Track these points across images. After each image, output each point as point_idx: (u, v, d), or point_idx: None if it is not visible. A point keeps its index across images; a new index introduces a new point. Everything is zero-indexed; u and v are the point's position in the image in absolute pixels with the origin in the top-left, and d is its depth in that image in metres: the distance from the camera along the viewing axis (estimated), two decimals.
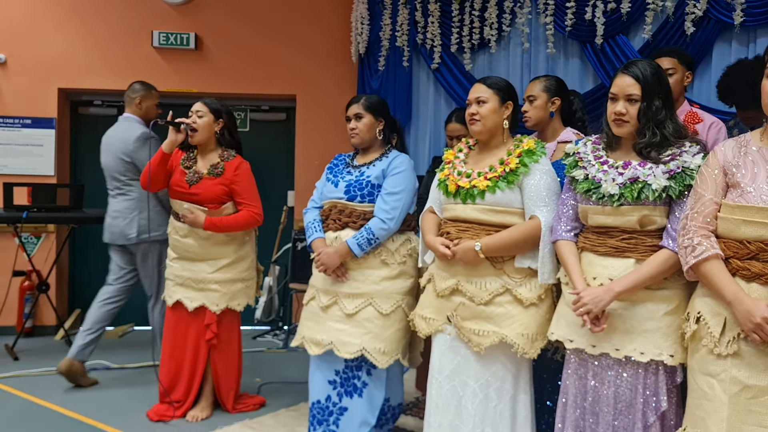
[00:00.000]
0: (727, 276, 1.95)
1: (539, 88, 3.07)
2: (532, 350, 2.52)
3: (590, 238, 2.34)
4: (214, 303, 3.59)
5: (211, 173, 3.54)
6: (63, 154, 5.87)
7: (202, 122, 3.55)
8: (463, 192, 2.61)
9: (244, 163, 3.61)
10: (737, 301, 1.90)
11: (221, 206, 3.54)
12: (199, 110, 3.57)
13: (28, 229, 5.60)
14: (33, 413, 3.76)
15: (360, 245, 2.93)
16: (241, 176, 3.56)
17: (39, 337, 5.53)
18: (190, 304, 3.60)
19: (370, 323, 2.95)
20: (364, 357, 2.96)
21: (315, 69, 5.78)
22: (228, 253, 3.60)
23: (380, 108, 3.12)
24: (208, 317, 3.60)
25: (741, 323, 1.89)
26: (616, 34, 4.34)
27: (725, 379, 1.93)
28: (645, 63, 2.31)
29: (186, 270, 3.61)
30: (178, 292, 3.63)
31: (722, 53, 4.01)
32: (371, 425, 3.03)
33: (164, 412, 3.67)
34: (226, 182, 3.53)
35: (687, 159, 2.21)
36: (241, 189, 3.55)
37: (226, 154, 3.60)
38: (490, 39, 4.87)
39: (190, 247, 3.58)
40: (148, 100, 4.39)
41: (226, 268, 3.60)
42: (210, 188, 3.51)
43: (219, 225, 3.49)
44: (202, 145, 3.60)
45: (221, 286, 3.59)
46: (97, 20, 5.71)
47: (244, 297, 3.69)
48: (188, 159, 3.62)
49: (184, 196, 3.55)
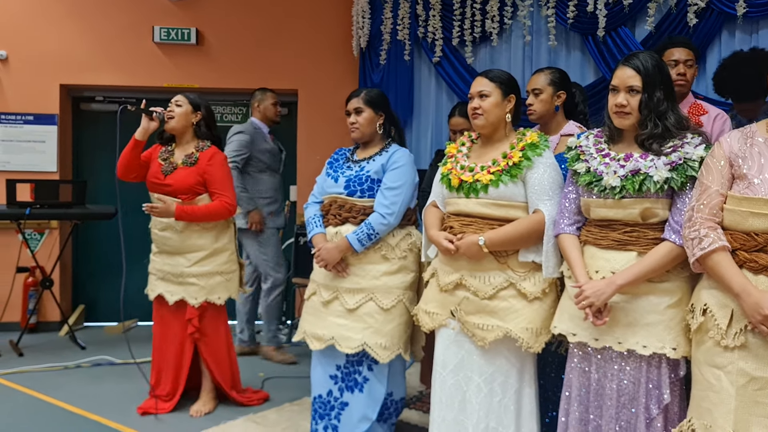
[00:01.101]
0: (735, 268, 1.95)
1: (545, 81, 3.05)
2: (536, 344, 2.51)
3: (592, 232, 2.33)
4: (193, 297, 3.59)
5: (185, 162, 3.56)
6: (65, 150, 5.88)
7: (178, 111, 3.60)
8: (466, 186, 2.60)
9: (219, 154, 3.62)
10: (745, 293, 1.89)
11: (195, 197, 3.54)
12: (178, 100, 3.63)
13: (31, 226, 5.61)
14: (37, 409, 3.77)
15: (360, 240, 2.93)
16: (215, 166, 3.57)
17: (43, 333, 5.55)
18: (170, 297, 3.61)
19: (371, 318, 2.95)
20: (365, 352, 2.96)
21: (316, 63, 5.77)
22: (204, 245, 3.59)
23: (380, 102, 3.11)
24: (189, 311, 3.60)
25: (749, 315, 1.89)
26: (619, 26, 4.31)
27: (732, 371, 1.93)
28: (646, 54, 2.30)
29: (166, 264, 3.63)
30: (160, 286, 3.65)
31: (725, 45, 3.99)
32: (372, 420, 3.03)
33: (151, 405, 3.67)
34: (199, 171, 3.54)
35: (689, 150, 2.20)
36: (214, 179, 3.55)
37: (202, 144, 3.62)
38: (491, 32, 4.86)
39: (168, 240, 3.60)
40: (264, 102, 4.86)
41: (204, 261, 3.59)
42: (183, 178, 3.52)
43: (190, 213, 3.49)
44: (180, 136, 3.64)
45: (199, 280, 3.58)
46: (98, 16, 5.71)
47: (224, 290, 3.66)
48: (166, 151, 3.66)
49: (158, 188, 3.58)
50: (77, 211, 5.07)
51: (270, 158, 4.81)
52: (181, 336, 3.66)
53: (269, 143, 4.84)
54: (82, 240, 5.99)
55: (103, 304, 6.02)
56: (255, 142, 4.72)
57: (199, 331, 3.60)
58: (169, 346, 3.70)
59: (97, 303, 6.02)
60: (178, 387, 3.71)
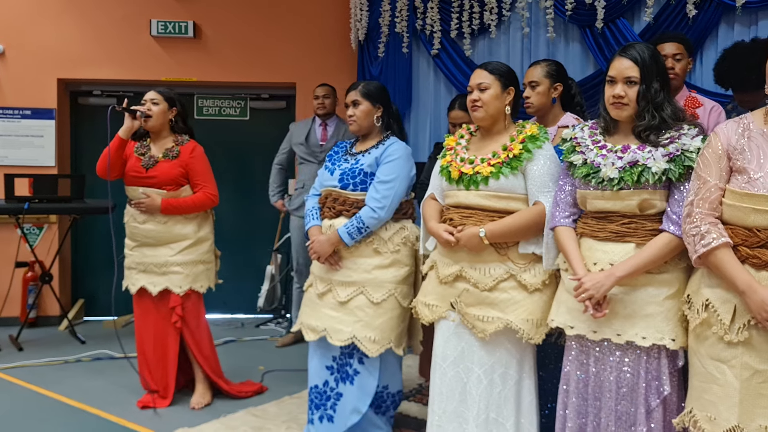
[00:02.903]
0: (738, 265, 1.94)
1: (541, 73, 3.05)
2: (536, 335, 2.52)
3: (589, 224, 2.33)
4: (178, 285, 3.63)
5: (166, 156, 3.62)
6: (63, 145, 5.87)
7: (156, 109, 3.65)
8: (466, 178, 2.60)
9: (198, 147, 3.71)
10: (751, 290, 1.89)
11: (179, 188, 3.62)
12: (154, 98, 3.67)
13: (30, 220, 5.60)
14: (37, 403, 3.78)
15: (350, 234, 2.93)
16: (197, 159, 3.66)
17: (43, 328, 5.55)
18: (153, 288, 3.64)
19: (361, 311, 2.95)
20: (356, 345, 2.97)
21: (314, 56, 5.76)
22: (188, 234, 3.66)
23: (378, 94, 3.10)
24: (172, 300, 3.63)
25: (754, 312, 1.89)
26: (617, 17, 4.30)
27: (736, 365, 1.93)
28: (642, 46, 2.30)
29: (147, 256, 3.65)
30: (141, 279, 3.67)
31: (724, 36, 3.98)
32: (362, 413, 3.03)
33: (149, 400, 3.70)
34: (182, 164, 3.62)
35: (686, 141, 2.19)
36: (196, 171, 3.65)
37: (180, 138, 3.70)
38: (490, 24, 4.84)
39: (149, 232, 3.63)
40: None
41: (188, 250, 3.66)
42: (167, 171, 3.59)
43: (176, 206, 3.57)
44: (156, 132, 3.70)
45: (183, 268, 3.64)
46: (96, 10, 5.69)
47: (205, 279, 3.74)
48: (142, 146, 3.69)
49: (140, 181, 3.62)
50: (76, 206, 5.06)
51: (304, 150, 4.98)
52: (165, 328, 3.69)
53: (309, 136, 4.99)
54: (81, 234, 5.98)
55: (102, 299, 6.00)
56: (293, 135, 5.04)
57: (182, 320, 3.64)
58: (153, 339, 3.72)
59: (97, 297, 6.02)
60: (169, 381, 3.73)
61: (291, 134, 5.08)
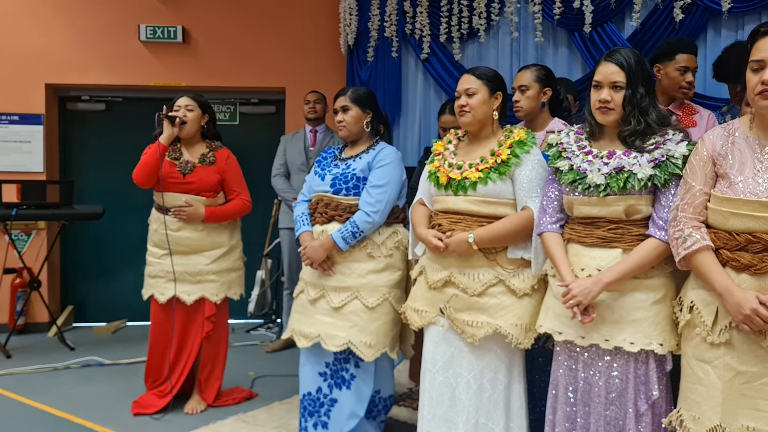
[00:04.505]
0: (718, 267, 1.96)
1: (531, 77, 3.05)
2: (526, 340, 2.52)
3: (576, 229, 2.33)
4: (214, 294, 3.65)
5: (203, 162, 3.62)
6: (52, 150, 5.83)
7: (192, 116, 3.64)
8: (454, 184, 2.60)
9: (232, 154, 3.74)
10: (728, 293, 1.91)
11: (216, 195, 3.65)
12: (188, 104, 3.65)
13: (18, 227, 5.56)
14: (24, 414, 3.73)
15: (345, 239, 2.93)
16: (232, 165, 3.70)
17: (31, 335, 5.52)
18: (188, 298, 3.61)
19: (356, 316, 2.95)
20: (351, 350, 2.96)
21: (304, 61, 5.75)
22: (223, 242, 3.68)
23: (367, 100, 3.10)
24: (207, 309, 3.64)
25: (732, 315, 1.91)
26: (605, 22, 4.32)
27: (719, 366, 1.96)
28: (628, 50, 2.31)
29: (179, 265, 3.60)
30: (170, 288, 3.61)
31: (711, 40, 4.00)
32: (360, 417, 3.03)
33: (151, 402, 3.69)
34: (219, 170, 3.65)
35: (671, 147, 2.20)
36: (233, 178, 3.69)
37: (214, 144, 3.71)
38: (479, 28, 4.85)
39: (184, 240, 3.60)
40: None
41: (223, 258, 3.68)
42: (206, 177, 3.60)
43: (218, 214, 3.61)
44: (189, 137, 3.67)
45: (219, 276, 3.66)
46: (84, 15, 5.67)
47: (238, 286, 3.79)
48: (174, 151, 3.65)
49: (179, 187, 3.58)
50: (64, 212, 5.03)
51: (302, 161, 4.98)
52: (194, 335, 3.68)
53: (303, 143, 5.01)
54: (70, 240, 5.95)
55: (92, 305, 5.98)
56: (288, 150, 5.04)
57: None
58: (173, 346, 3.66)
59: (86, 303, 5.99)
60: (177, 384, 3.70)
61: (284, 148, 5.04)
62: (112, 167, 5.74)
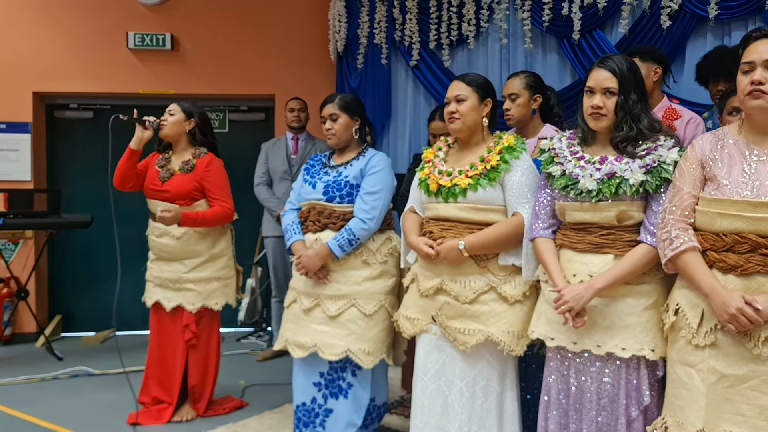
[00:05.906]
0: (704, 268, 1.98)
1: (521, 85, 3.06)
2: (518, 347, 2.52)
3: (568, 235, 2.34)
4: (190, 302, 3.60)
5: (182, 169, 3.59)
6: (39, 159, 5.78)
7: (171, 119, 3.63)
8: (444, 191, 2.60)
9: (216, 160, 3.65)
10: (713, 293, 1.93)
11: (193, 203, 3.57)
12: (171, 109, 3.67)
13: (5, 236, 5.51)
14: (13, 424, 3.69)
15: (341, 246, 2.91)
16: (213, 172, 3.60)
17: (19, 345, 5.46)
18: (167, 304, 3.62)
19: (354, 324, 2.94)
20: (348, 358, 2.95)
21: (293, 68, 5.75)
22: (201, 251, 3.62)
23: (355, 107, 3.10)
24: (186, 317, 3.61)
25: (717, 314, 1.92)
26: (593, 29, 4.34)
27: (703, 369, 1.96)
28: (620, 57, 2.33)
29: (163, 271, 3.63)
30: (157, 293, 3.65)
31: (698, 47, 4.03)
32: (357, 426, 3.02)
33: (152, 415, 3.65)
34: (197, 178, 3.57)
35: (662, 153, 2.22)
36: (212, 185, 3.59)
37: (198, 151, 3.65)
38: (468, 35, 4.87)
39: (165, 246, 3.60)
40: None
41: (201, 267, 3.62)
42: (181, 184, 3.55)
43: (195, 219, 3.52)
44: (175, 144, 3.68)
45: (196, 285, 3.61)
46: (71, 23, 5.63)
47: (221, 296, 3.69)
48: (163, 159, 3.68)
49: (156, 194, 3.59)
50: (52, 221, 4.99)
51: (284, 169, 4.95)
52: (173, 342, 3.66)
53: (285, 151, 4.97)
54: (57, 249, 5.89)
55: (80, 314, 5.93)
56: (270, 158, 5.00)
57: (195, 337, 3.62)
58: (166, 353, 3.68)
59: (75, 313, 5.93)
60: (172, 395, 3.68)
61: (266, 155, 4.99)
62: (100, 176, 5.65)
